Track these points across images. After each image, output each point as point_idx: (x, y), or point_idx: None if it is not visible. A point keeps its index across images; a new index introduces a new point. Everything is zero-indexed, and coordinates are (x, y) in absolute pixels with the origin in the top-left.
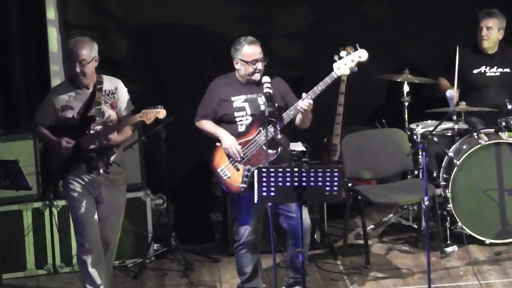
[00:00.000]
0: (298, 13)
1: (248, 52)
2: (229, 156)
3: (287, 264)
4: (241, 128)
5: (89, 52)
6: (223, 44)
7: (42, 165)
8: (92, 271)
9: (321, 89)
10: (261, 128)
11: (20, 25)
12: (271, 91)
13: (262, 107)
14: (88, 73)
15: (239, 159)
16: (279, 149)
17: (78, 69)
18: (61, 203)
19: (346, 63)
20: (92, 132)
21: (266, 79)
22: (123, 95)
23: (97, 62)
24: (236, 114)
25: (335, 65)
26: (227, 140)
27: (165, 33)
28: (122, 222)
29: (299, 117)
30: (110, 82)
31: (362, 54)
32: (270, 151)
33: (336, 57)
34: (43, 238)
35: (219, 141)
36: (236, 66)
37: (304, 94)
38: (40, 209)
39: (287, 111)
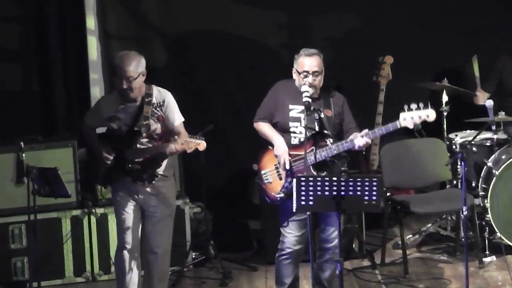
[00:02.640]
0: (337, 21)
1: (302, 63)
2: (277, 163)
3: (313, 280)
4: (294, 141)
5: (136, 68)
6: (261, 53)
7: (89, 167)
8: (128, 277)
9: (382, 133)
10: (314, 148)
11: (60, 33)
12: (310, 100)
13: (316, 123)
14: (136, 88)
15: (285, 169)
16: (324, 174)
17: (125, 85)
18: (100, 210)
19: (412, 117)
20: (138, 145)
21: (305, 88)
22: (172, 107)
23: (145, 76)
24: (291, 124)
25: (401, 115)
26: (281, 148)
27: (204, 42)
28: (171, 231)
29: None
30: (159, 95)
31: (430, 114)
32: (314, 172)
33: (405, 107)
34: (82, 246)
35: (272, 144)
36: (293, 76)
37: (365, 131)
38: (79, 217)
39: (343, 142)
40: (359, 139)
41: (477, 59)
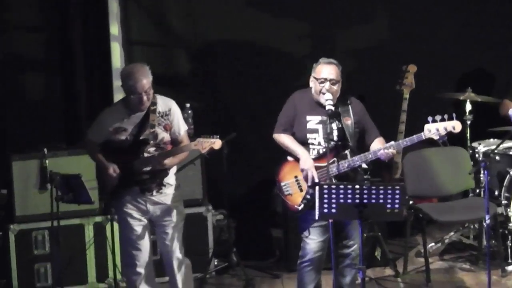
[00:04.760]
0: (360, 33)
1: (320, 70)
2: (296, 176)
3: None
4: (313, 152)
5: (148, 78)
6: (284, 64)
7: (98, 180)
8: None
9: (406, 145)
10: (336, 159)
11: (84, 41)
12: (333, 108)
13: (335, 133)
14: (151, 97)
15: (310, 183)
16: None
17: (145, 99)
18: None
19: (438, 128)
20: (145, 154)
21: (328, 96)
22: (177, 116)
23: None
24: (308, 136)
25: (426, 127)
26: (307, 162)
27: (227, 51)
28: (182, 237)
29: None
30: (164, 103)
31: (456, 125)
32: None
33: (429, 119)
34: (105, 252)
35: (290, 155)
36: (310, 84)
37: (390, 143)
38: (102, 223)
39: (366, 154)
40: (385, 151)
41: None
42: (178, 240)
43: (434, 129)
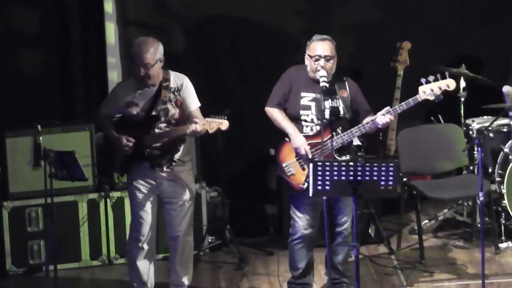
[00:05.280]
0: (357, 8)
1: (314, 47)
2: (297, 154)
3: (328, 264)
4: (306, 129)
5: (153, 54)
6: (281, 39)
7: (105, 156)
8: (141, 267)
9: (403, 109)
10: (334, 133)
11: (79, 18)
12: (327, 85)
13: (327, 111)
14: (153, 75)
15: (307, 159)
16: (347, 157)
17: (142, 72)
18: (117, 194)
19: (433, 89)
20: (157, 131)
21: (322, 73)
22: (190, 92)
23: (162, 63)
24: (301, 112)
25: (420, 89)
26: (298, 140)
27: (224, 28)
28: (191, 216)
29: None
30: (177, 79)
31: (450, 83)
32: (338, 157)
33: (423, 80)
34: (98, 229)
35: (287, 135)
36: (306, 62)
37: (386, 109)
38: (96, 200)
39: (363, 124)
40: (381, 117)
41: None
42: (186, 218)
43: (428, 89)
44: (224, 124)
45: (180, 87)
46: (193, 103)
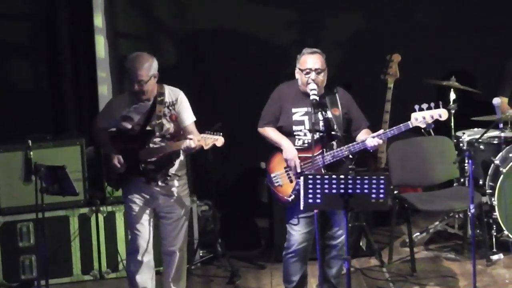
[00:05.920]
0: (348, 21)
1: (304, 61)
2: (287, 166)
3: (320, 277)
4: (298, 142)
5: (148, 70)
6: (272, 51)
7: (101, 169)
8: (140, 281)
9: (393, 134)
10: (324, 149)
11: (70, 32)
12: (317, 98)
13: (321, 124)
14: (148, 91)
15: (296, 173)
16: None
17: (137, 88)
18: (108, 208)
19: (425, 116)
20: (151, 145)
21: (312, 86)
22: (185, 106)
23: (157, 78)
24: (294, 128)
25: (413, 115)
26: (290, 152)
27: (215, 40)
28: (185, 230)
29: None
30: (172, 93)
31: (442, 113)
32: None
33: (416, 107)
34: (90, 244)
35: (277, 146)
36: (296, 76)
37: (377, 132)
38: (87, 215)
39: (354, 143)
40: (371, 140)
41: None
42: (181, 232)
43: (420, 117)
44: (219, 140)
45: (175, 101)
46: (188, 117)
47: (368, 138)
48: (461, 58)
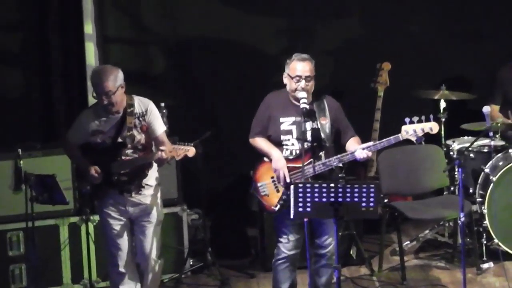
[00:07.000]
0: (337, 29)
1: (294, 67)
2: (274, 176)
3: (311, 286)
4: (286, 153)
5: (114, 82)
6: (261, 59)
7: (78, 181)
8: None
9: (383, 146)
10: (312, 160)
11: (60, 39)
12: (307, 106)
13: (309, 134)
14: (116, 102)
15: (284, 183)
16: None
17: (105, 101)
18: (98, 217)
19: (415, 129)
20: (123, 157)
21: (303, 94)
22: (155, 116)
23: (124, 88)
24: (282, 137)
25: (403, 128)
26: (279, 162)
27: (204, 48)
28: (159, 238)
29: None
30: (141, 104)
31: (433, 127)
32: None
33: (407, 120)
34: (80, 253)
35: (267, 156)
36: (284, 81)
37: (366, 144)
38: (77, 224)
39: (343, 154)
40: (360, 152)
41: None
42: (156, 240)
43: (411, 130)
44: (190, 151)
45: (145, 112)
46: (159, 127)
47: (357, 150)
48: (452, 66)
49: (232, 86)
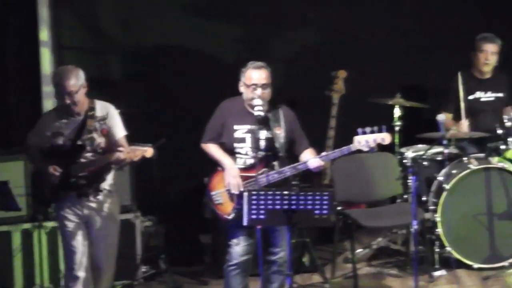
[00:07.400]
0: (293, 37)
1: (250, 76)
2: (228, 185)
3: None
4: (239, 162)
5: (76, 81)
6: (217, 67)
7: (34, 187)
8: None
9: (336, 156)
10: (265, 169)
11: (16, 46)
12: (262, 114)
13: (262, 142)
14: (79, 102)
15: (237, 192)
16: None
17: (68, 101)
18: (51, 224)
19: (368, 140)
20: (82, 160)
21: (258, 101)
22: (116, 120)
23: (86, 89)
24: (236, 145)
25: (356, 138)
26: (231, 171)
27: (161, 55)
28: (115, 244)
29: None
30: (102, 108)
31: (385, 138)
32: None
33: (359, 130)
34: (32, 259)
35: (219, 164)
36: (241, 89)
37: (321, 154)
38: (29, 230)
39: (296, 164)
40: (313, 161)
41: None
42: (111, 246)
43: (363, 141)
44: (148, 151)
45: (106, 116)
46: (119, 131)
47: (310, 159)
48: (408, 74)
49: (187, 94)
